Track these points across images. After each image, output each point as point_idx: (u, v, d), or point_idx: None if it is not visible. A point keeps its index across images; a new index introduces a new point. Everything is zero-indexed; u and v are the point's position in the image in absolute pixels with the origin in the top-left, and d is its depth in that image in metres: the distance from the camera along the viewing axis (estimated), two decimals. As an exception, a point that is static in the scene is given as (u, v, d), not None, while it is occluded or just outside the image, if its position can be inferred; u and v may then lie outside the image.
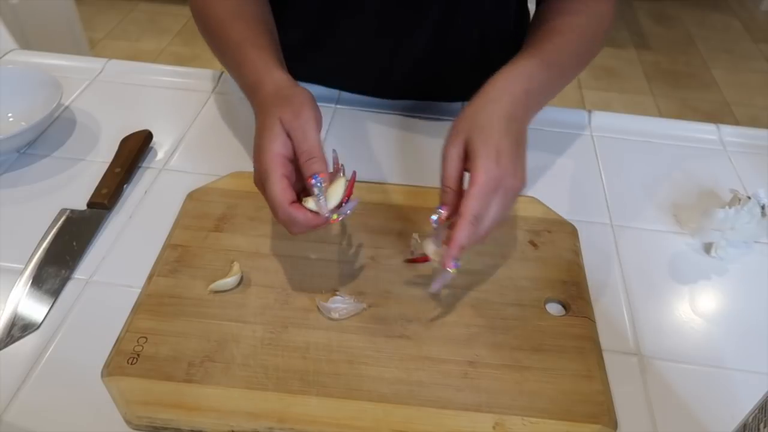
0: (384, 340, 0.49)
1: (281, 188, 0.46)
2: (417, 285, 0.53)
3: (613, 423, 0.45)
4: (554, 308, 0.53)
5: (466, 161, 0.48)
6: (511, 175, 0.48)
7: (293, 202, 0.46)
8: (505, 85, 0.52)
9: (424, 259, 0.53)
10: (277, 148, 0.47)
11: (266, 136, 0.48)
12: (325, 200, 0.46)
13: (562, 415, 0.44)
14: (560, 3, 0.62)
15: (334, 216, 0.46)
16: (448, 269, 0.46)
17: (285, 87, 0.51)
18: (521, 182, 0.49)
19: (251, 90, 0.54)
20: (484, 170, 0.46)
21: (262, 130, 0.49)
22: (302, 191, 0.48)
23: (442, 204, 0.48)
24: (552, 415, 0.44)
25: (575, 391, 0.46)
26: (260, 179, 0.48)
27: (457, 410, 0.44)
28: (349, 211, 0.48)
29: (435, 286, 0.49)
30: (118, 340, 0.47)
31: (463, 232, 0.45)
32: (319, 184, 0.45)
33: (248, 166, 0.65)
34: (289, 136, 0.48)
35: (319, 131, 0.49)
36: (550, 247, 0.57)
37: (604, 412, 0.45)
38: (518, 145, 0.50)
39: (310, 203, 0.46)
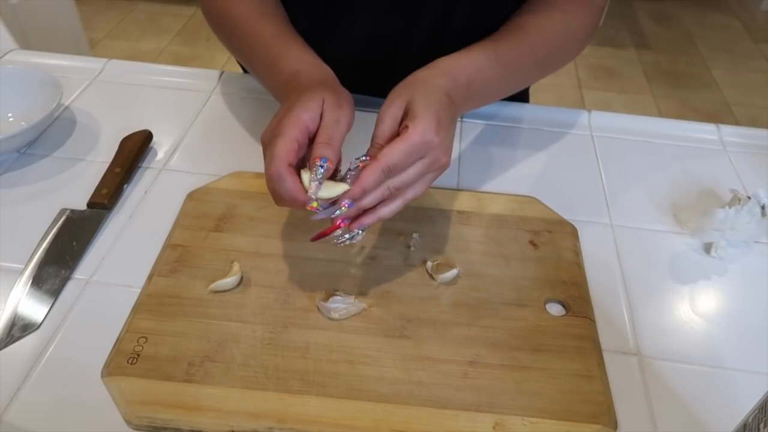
0: (384, 340, 0.49)
1: (288, 147, 0.44)
2: (417, 285, 0.53)
3: (613, 423, 0.45)
4: (554, 308, 0.53)
5: (402, 123, 0.47)
6: (443, 152, 0.47)
7: (291, 165, 0.44)
8: (452, 69, 0.52)
9: (332, 229, 0.47)
10: (306, 117, 0.45)
11: (300, 104, 0.46)
12: (319, 184, 0.44)
13: (562, 415, 0.44)
14: (540, 1, 0.62)
15: (315, 204, 0.44)
16: (343, 205, 0.44)
17: (334, 82, 0.52)
18: (448, 162, 0.48)
19: (292, 78, 0.52)
20: (422, 131, 0.45)
21: (297, 99, 0.47)
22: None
23: (366, 154, 0.46)
24: (552, 415, 0.44)
25: (575, 391, 0.46)
26: (271, 134, 0.46)
27: (457, 410, 0.44)
28: (350, 239, 0.47)
29: (318, 217, 0.46)
30: (118, 340, 0.47)
31: (371, 174, 0.44)
32: (322, 166, 0.44)
33: (248, 166, 0.65)
34: (321, 117, 0.46)
35: (347, 131, 0.48)
36: (550, 247, 0.57)
37: (604, 412, 0.45)
38: (452, 125, 0.49)
39: (305, 176, 0.44)
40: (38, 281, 0.53)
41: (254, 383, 0.45)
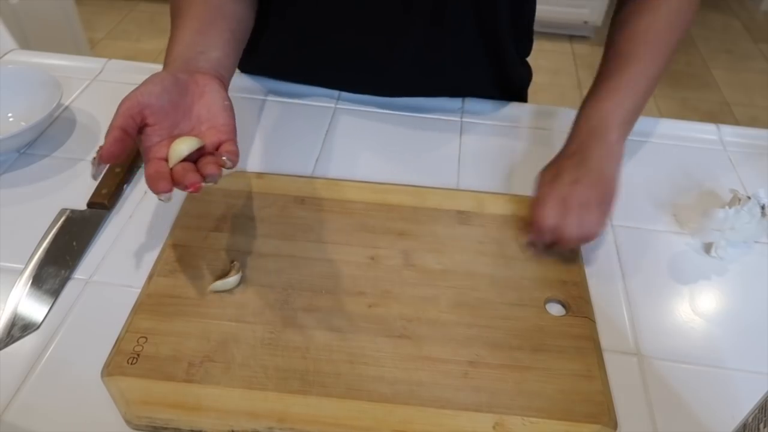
0: (384, 340, 0.49)
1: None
2: (417, 285, 0.53)
3: (613, 423, 0.45)
4: (554, 308, 0.53)
5: None
6: (568, 186, 0.55)
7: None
8: (575, 134, 0.61)
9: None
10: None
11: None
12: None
13: (562, 415, 0.44)
14: (639, 4, 0.65)
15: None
16: None
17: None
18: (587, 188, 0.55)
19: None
20: (538, 188, 0.58)
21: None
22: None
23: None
24: (552, 415, 0.44)
25: (575, 391, 0.46)
26: None
27: (457, 410, 0.44)
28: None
29: None
30: (118, 340, 0.47)
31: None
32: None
33: (248, 166, 0.65)
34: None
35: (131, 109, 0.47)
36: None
37: (604, 412, 0.45)
38: (581, 166, 0.57)
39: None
40: (38, 281, 0.53)
41: (254, 383, 0.45)
